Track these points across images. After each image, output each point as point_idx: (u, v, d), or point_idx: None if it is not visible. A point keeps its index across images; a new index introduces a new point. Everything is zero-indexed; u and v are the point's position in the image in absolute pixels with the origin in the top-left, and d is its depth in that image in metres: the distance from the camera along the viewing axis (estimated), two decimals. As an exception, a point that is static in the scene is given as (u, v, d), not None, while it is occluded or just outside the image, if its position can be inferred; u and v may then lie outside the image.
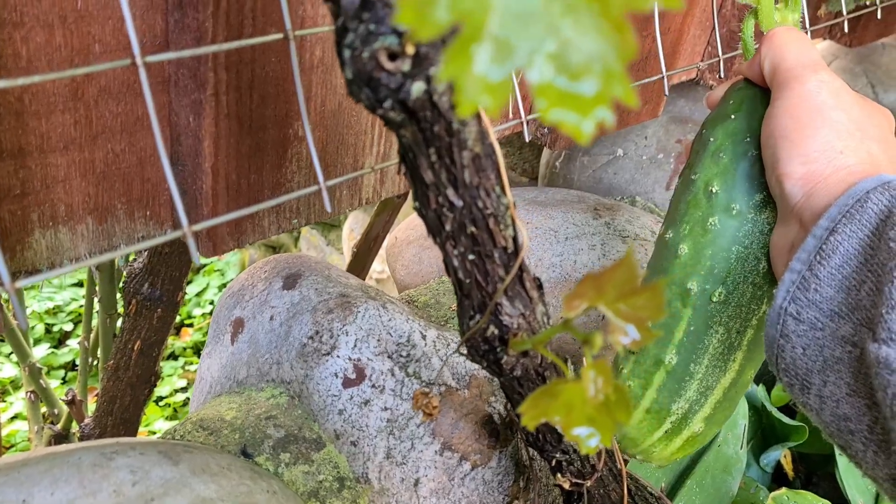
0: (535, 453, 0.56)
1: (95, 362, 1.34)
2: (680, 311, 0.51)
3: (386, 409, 0.54)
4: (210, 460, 0.49)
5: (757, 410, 0.84)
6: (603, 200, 0.78)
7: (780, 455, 0.86)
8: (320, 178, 0.42)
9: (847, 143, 0.45)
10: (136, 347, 1.07)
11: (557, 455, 0.48)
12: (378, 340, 0.56)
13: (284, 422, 0.56)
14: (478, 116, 0.34)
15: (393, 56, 0.30)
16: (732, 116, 0.52)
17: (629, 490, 0.53)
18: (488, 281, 0.39)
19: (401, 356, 0.56)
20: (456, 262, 0.39)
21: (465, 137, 0.34)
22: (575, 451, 0.48)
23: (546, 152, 0.97)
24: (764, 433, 0.85)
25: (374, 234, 1.00)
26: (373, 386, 0.55)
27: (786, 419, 0.80)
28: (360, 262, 1.03)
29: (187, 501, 0.44)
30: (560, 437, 0.47)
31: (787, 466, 0.89)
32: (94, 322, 1.31)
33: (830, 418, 0.40)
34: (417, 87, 0.30)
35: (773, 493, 0.70)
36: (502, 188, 0.37)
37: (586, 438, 0.32)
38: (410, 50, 0.29)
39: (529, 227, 0.71)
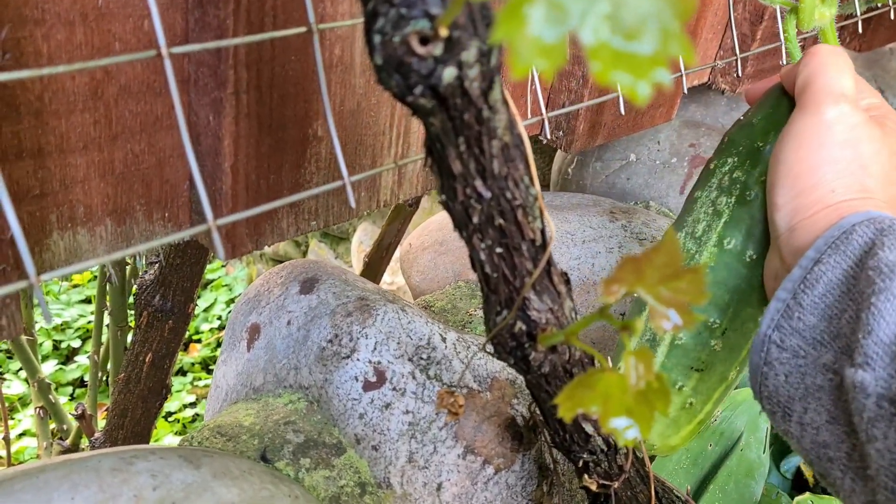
0: (560, 455, 0.55)
1: (105, 377, 1.34)
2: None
3: (407, 412, 0.53)
4: (230, 464, 0.48)
5: (777, 416, 0.83)
6: (619, 204, 0.77)
7: (800, 461, 0.85)
8: (344, 172, 0.42)
9: (844, 180, 0.44)
10: (147, 360, 1.07)
11: (584, 455, 0.47)
12: (398, 343, 0.56)
13: (304, 427, 0.55)
14: (506, 104, 0.34)
15: (424, 40, 0.29)
16: (754, 122, 0.52)
17: (656, 492, 0.52)
18: (516, 275, 0.39)
19: (421, 359, 0.55)
20: (483, 256, 0.38)
21: (494, 126, 0.33)
22: (602, 451, 0.47)
23: (558, 159, 0.97)
24: (783, 439, 0.84)
25: (387, 242, 1.00)
26: (394, 389, 0.54)
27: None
28: (372, 272, 1.03)
29: (209, 505, 0.43)
30: (588, 436, 0.46)
31: (808, 473, 0.88)
32: (105, 336, 1.30)
33: (810, 445, 0.41)
34: (449, 73, 0.30)
35: (797, 498, 0.69)
36: (531, 179, 0.36)
37: (624, 430, 0.32)
38: (444, 33, 0.29)
39: (546, 230, 0.71)
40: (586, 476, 0.48)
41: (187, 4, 0.45)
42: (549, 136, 0.71)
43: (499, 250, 0.38)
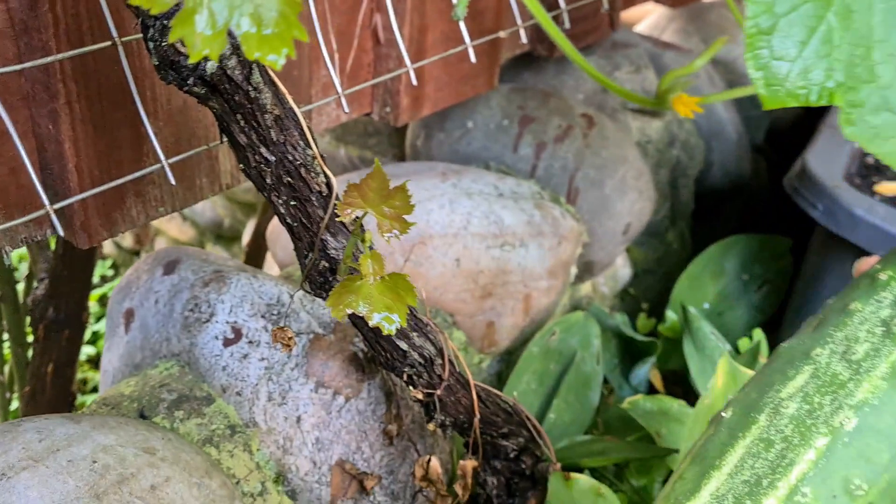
0: (399, 381, 0.65)
1: (12, 395, 1.37)
2: None
3: (263, 359, 0.62)
4: (109, 420, 0.56)
5: (620, 338, 0.95)
6: (451, 166, 0.87)
7: (647, 373, 0.97)
8: (161, 156, 0.50)
9: None
10: (49, 370, 1.12)
11: (407, 370, 0.57)
12: (251, 304, 0.64)
13: (177, 387, 0.63)
14: (272, 84, 0.43)
15: (186, 42, 0.38)
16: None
17: (479, 396, 0.62)
18: (312, 222, 0.48)
19: (272, 314, 0.64)
20: (283, 210, 0.48)
21: (263, 102, 0.42)
22: (420, 364, 0.57)
23: (409, 135, 1.07)
24: (630, 356, 0.96)
25: (262, 230, 1.08)
26: (249, 342, 0.63)
27: (639, 336, 0.91)
28: (253, 260, 1.10)
29: (89, 449, 0.51)
30: (405, 353, 0.56)
31: (658, 384, 1.00)
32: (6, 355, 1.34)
33: None
34: (211, 66, 0.39)
35: (629, 399, 0.80)
36: (307, 142, 0.45)
37: (387, 323, 0.41)
38: (196, 35, 0.38)
39: (386, 196, 0.80)
40: (412, 388, 0.58)
41: (15, 32, 0.52)
42: (377, 117, 0.81)
43: (293, 203, 0.47)
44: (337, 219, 0.41)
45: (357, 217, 0.38)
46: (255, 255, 1.09)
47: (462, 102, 0.98)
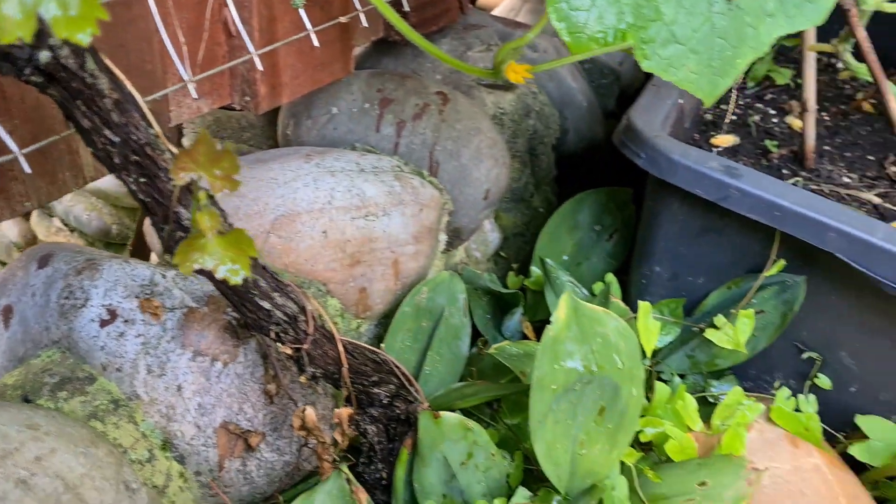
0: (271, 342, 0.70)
1: None
2: None
3: (139, 335, 0.66)
4: (-9, 404, 0.59)
5: (491, 294, 1.03)
6: (316, 148, 0.93)
7: (519, 324, 1.04)
8: (14, 147, 0.54)
9: None
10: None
11: (273, 328, 0.63)
12: (125, 287, 0.68)
13: (59, 371, 0.66)
14: (108, 71, 0.47)
15: (19, 35, 0.42)
16: None
17: (346, 348, 0.68)
18: (163, 196, 0.53)
19: (146, 294, 0.68)
20: (135, 188, 0.52)
21: (101, 88, 0.47)
22: (285, 321, 0.62)
23: (280, 125, 1.11)
24: (500, 310, 1.04)
25: (143, 229, 1.10)
26: (125, 321, 0.67)
27: (505, 290, 0.99)
28: (139, 256, 1.13)
29: (-29, 429, 0.55)
30: (268, 311, 0.61)
31: (530, 333, 1.08)
32: None
33: None
34: (44, 55, 0.43)
35: (495, 345, 0.88)
36: (148, 123, 0.50)
37: (233, 274, 0.47)
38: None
39: (253, 180, 0.85)
40: (281, 345, 0.64)
41: None
42: (238, 107, 0.86)
43: (143, 181, 0.52)
44: (172, 183, 0.46)
45: (192, 180, 0.43)
46: (140, 253, 1.12)
47: (326, 90, 1.04)
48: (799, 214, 0.76)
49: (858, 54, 0.99)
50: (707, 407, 0.89)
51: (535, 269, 1.03)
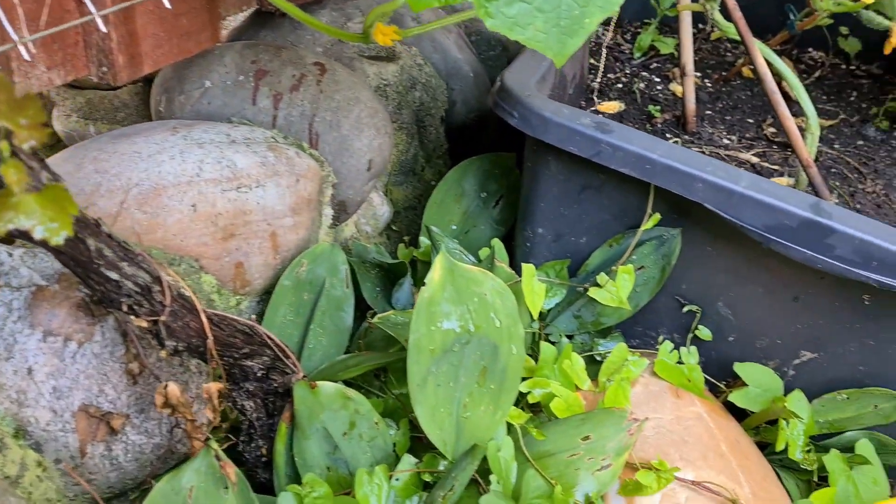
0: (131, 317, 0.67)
1: None
2: None
3: (-19, 317, 0.62)
4: None
5: (380, 267, 1.01)
6: (183, 121, 0.89)
7: (409, 295, 1.03)
8: None
9: None
10: None
11: (125, 300, 0.59)
12: (-34, 267, 0.64)
13: None
14: None
15: None
16: None
17: (211, 319, 0.65)
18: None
19: (-11, 273, 0.64)
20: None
21: None
22: (137, 292, 0.59)
23: (152, 101, 1.07)
24: (390, 282, 1.02)
25: None
26: (-34, 303, 0.62)
27: (390, 261, 0.97)
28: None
29: None
30: (118, 283, 0.58)
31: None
32: None
33: None
34: None
35: (379, 315, 0.86)
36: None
37: (52, 234, 0.44)
38: None
39: (116, 154, 0.81)
40: (135, 318, 0.61)
41: None
42: (95, 79, 0.81)
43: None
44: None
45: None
46: None
47: (197, 63, 1.00)
48: (667, 167, 0.77)
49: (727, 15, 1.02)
50: (596, 366, 0.90)
51: (423, 240, 1.02)
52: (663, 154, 0.77)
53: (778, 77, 1.00)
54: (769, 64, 0.96)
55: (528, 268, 0.87)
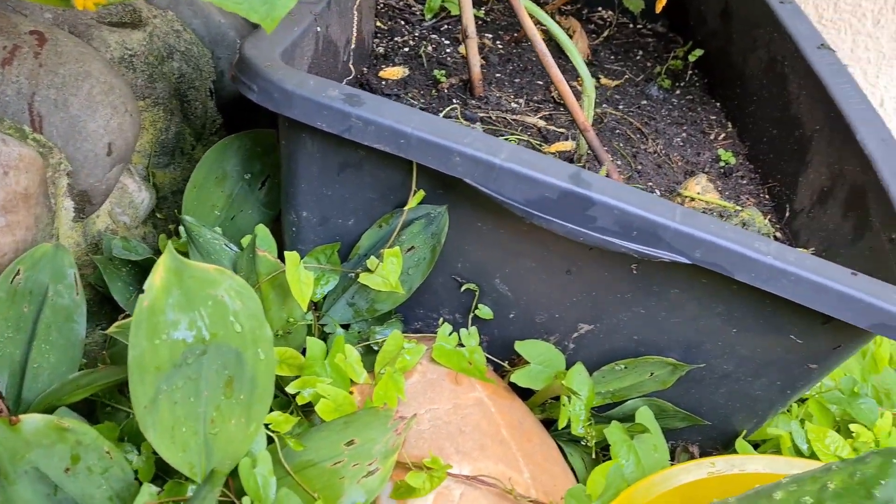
0: None
1: None
2: None
3: None
4: None
5: (132, 264, 0.90)
6: None
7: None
8: None
9: None
10: None
11: None
12: None
13: None
14: None
15: None
16: None
17: None
18: None
19: None
20: None
21: None
22: None
23: None
24: (145, 278, 0.91)
25: None
26: None
27: (137, 256, 0.86)
28: None
29: None
30: None
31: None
32: None
33: None
34: None
35: (117, 322, 0.75)
36: None
37: None
38: None
39: None
40: None
41: None
42: None
43: None
44: None
45: None
46: None
47: None
48: (423, 140, 0.71)
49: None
50: (374, 356, 0.84)
51: (182, 230, 0.91)
52: (417, 127, 0.71)
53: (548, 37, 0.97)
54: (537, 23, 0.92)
55: (291, 255, 0.79)
